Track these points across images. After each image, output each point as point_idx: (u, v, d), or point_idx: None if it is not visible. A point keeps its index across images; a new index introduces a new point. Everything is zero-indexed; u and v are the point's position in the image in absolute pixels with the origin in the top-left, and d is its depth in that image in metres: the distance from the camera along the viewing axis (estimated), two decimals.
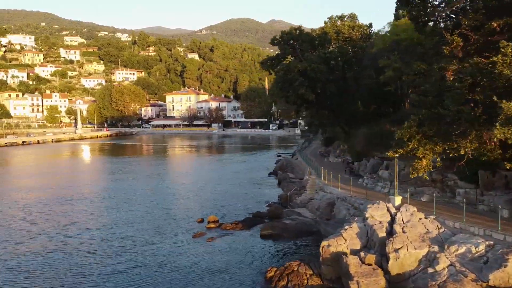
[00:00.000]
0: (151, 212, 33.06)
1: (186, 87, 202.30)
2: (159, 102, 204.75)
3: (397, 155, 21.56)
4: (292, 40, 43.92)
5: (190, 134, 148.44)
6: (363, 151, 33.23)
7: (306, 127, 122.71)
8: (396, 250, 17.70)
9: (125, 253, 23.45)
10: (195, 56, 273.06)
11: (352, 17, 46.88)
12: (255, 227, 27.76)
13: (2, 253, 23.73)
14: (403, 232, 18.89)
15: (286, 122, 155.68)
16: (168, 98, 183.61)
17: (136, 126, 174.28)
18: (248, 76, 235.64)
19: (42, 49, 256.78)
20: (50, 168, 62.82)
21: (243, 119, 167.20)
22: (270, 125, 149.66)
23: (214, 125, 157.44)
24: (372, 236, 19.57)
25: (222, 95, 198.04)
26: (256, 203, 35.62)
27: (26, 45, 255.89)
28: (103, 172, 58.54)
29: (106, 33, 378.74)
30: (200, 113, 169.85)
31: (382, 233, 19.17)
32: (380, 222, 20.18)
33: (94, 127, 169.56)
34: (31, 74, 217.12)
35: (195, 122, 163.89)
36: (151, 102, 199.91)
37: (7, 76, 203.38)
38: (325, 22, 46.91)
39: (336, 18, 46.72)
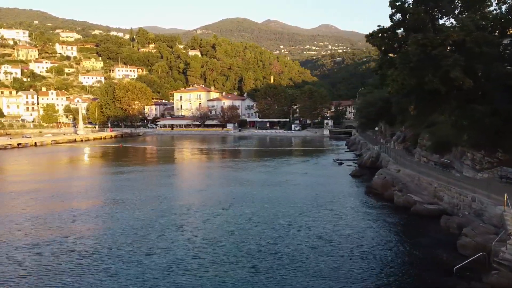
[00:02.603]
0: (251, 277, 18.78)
1: (195, 85, 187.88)
2: (163, 101, 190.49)
3: None
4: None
5: (204, 135, 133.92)
6: None
7: (354, 126, 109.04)
8: None
9: None
10: (197, 54, 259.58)
11: None
12: None
13: None
14: None
15: (309, 122, 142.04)
16: (176, 96, 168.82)
17: (141, 126, 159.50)
18: (252, 74, 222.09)
19: (37, 45, 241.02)
20: (60, 185, 47.53)
21: (258, 119, 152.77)
22: (292, 126, 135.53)
23: (229, 125, 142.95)
24: None
25: (234, 93, 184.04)
26: (421, 261, 21.49)
27: (19, 40, 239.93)
28: (134, 193, 40.01)
29: (101, 31, 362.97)
30: (211, 112, 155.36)
31: None
32: None
33: (95, 127, 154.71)
34: (25, 70, 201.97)
35: (207, 122, 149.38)
36: (155, 100, 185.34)
37: None
38: None
39: None
